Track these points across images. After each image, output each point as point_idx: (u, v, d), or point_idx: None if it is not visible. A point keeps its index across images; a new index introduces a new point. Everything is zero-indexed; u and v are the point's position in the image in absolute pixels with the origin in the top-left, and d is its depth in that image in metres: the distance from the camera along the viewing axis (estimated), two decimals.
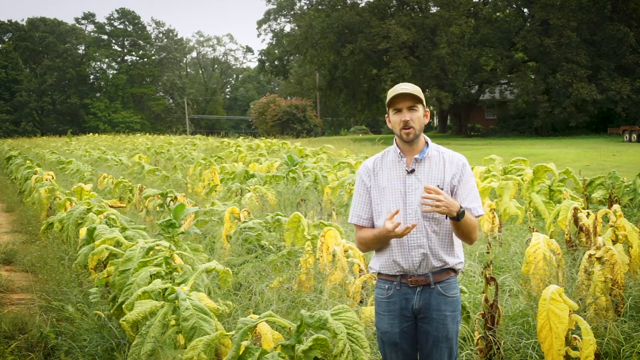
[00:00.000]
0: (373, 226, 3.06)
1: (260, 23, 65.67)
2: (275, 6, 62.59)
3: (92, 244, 5.25)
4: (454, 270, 2.99)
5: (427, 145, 2.98)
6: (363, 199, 3.07)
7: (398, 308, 2.95)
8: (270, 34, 65.66)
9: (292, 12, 60.62)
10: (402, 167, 2.96)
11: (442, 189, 2.86)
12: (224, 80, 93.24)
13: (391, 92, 2.94)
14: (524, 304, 4.49)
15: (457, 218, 2.78)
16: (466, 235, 2.91)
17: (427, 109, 3.01)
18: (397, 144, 3.01)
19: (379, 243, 2.97)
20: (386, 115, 3.05)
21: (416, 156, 2.94)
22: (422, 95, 2.93)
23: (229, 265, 5.95)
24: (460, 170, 2.94)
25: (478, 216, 2.94)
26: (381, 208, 2.98)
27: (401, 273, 2.94)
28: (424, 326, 2.96)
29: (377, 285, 3.06)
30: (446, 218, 2.88)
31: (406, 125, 2.90)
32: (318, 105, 59.07)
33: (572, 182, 9.99)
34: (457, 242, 3.02)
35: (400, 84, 2.98)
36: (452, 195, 2.93)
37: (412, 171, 2.93)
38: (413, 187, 2.91)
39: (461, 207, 2.78)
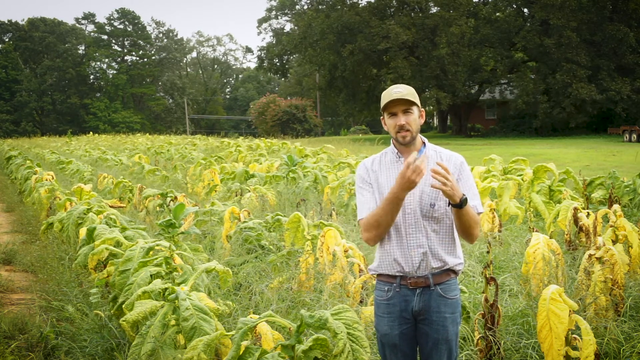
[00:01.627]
0: None
1: (261, 21, 65.65)
2: (276, 3, 62.54)
3: (92, 244, 5.25)
4: (453, 272, 2.98)
5: (424, 145, 3.00)
6: (369, 194, 3.01)
7: (398, 310, 2.94)
8: (271, 33, 65.68)
9: (293, 11, 60.59)
10: (400, 167, 2.95)
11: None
12: (224, 80, 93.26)
13: (385, 97, 2.94)
14: (524, 304, 4.49)
15: (460, 205, 2.75)
16: (467, 230, 2.87)
17: (422, 109, 3.00)
18: (394, 145, 3.02)
19: (392, 206, 2.80)
20: (381, 118, 3.05)
21: None
22: (416, 98, 2.93)
23: (229, 265, 5.95)
24: (458, 169, 2.94)
25: (479, 213, 2.94)
26: None
27: (401, 274, 2.93)
28: (423, 328, 2.95)
29: (377, 287, 3.05)
30: (448, 205, 2.86)
31: (402, 129, 2.91)
32: (318, 105, 59.08)
33: (572, 182, 9.99)
34: (457, 242, 3.02)
35: (393, 86, 2.97)
36: None
37: None
38: None
39: (464, 195, 2.76)
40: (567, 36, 37.09)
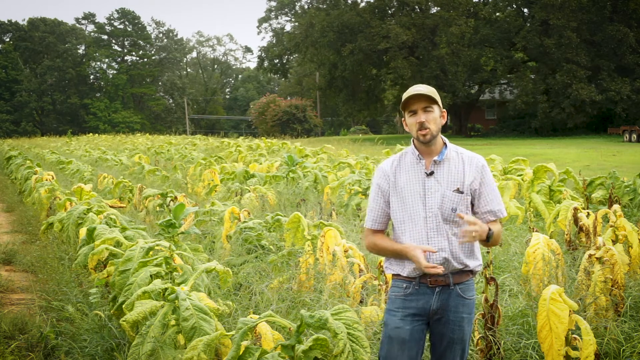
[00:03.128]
0: (385, 229, 3.07)
1: (261, 21, 65.63)
2: (275, 3, 62.55)
3: (92, 244, 5.24)
4: (472, 272, 2.98)
5: (446, 146, 2.96)
6: (379, 204, 3.03)
7: (414, 306, 2.93)
8: (271, 33, 65.69)
9: (292, 11, 60.61)
10: (420, 169, 2.93)
11: (462, 192, 2.88)
12: (224, 80, 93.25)
13: (405, 94, 2.91)
14: (524, 304, 4.49)
15: (487, 240, 2.83)
16: (493, 245, 2.95)
17: (444, 110, 2.98)
18: (415, 146, 2.97)
19: (396, 257, 2.97)
20: (402, 119, 3.02)
21: (435, 158, 2.92)
22: (437, 96, 2.91)
23: (229, 265, 5.95)
24: (480, 173, 2.93)
25: (502, 217, 2.98)
26: (403, 215, 2.95)
27: (421, 274, 2.92)
28: (439, 327, 2.94)
29: (394, 284, 3.03)
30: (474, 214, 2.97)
31: (422, 127, 2.87)
32: (318, 105, 59.07)
33: (572, 182, 9.98)
34: (476, 244, 3.01)
35: (415, 85, 2.95)
36: (473, 198, 2.94)
37: (432, 173, 2.91)
38: (433, 189, 2.90)
39: (490, 230, 2.81)
40: (567, 36, 37.09)
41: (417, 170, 2.93)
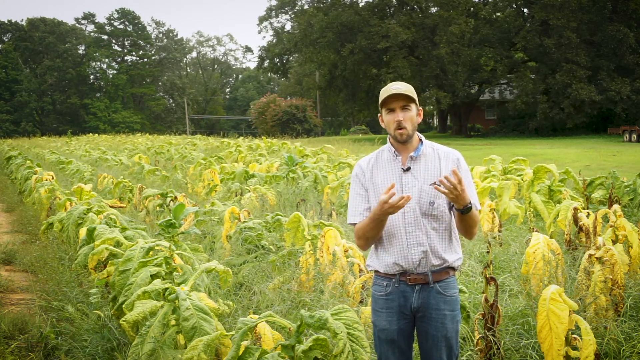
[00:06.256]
0: None
1: (261, 20, 65.59)
2: (276, 2, 62.53)
3: (92, 244, 5.24)
4: (453, 269, 2.99)
5: (422, 142, 3.00)
6: (363, 197, 3.03)
7: (397, 305, 2.95)
8: (271, 32, 65.64)
9: (293, 10, 60.57)
10: (397, 166, 2.96)
11: (439, 185, 2.89)
12: (224, 80, 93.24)
13: (383, 92, 2.94)
14: (523, 304, 4.49)
15: (462, 211, 2.80)
16: (468, 230, 2.93)
17: (420, 108, 3.01)
18: (391, 143, 3.01)
19: (376, 224, 2.86)
20: (379, 115, 3.05)
21: (411, 154, 2.95)
22: (414, 95, 2.93)
23: (229, 265, 5.95)
24: (455, 166, 2.95)
25: (477, 209, 2.97)
26: None
27: (400, 271, 2.94)
28: (422, 325, 2.96)
29: (375, 282, 3.05)
30: (451, 208, 2.93)
31: (399, 126, 2.91)
32: (318, 105, 59.07)
33: (572, 182, 9.98)
34: (456, 239, 3.03)
35: (393, 83, 2.98)
36: None
37: (408, 169, 2.94)
38: (410, 184, 2.92)
39: (469, 203, 2.79)
40: (567, 36, 37.09)
41: (393, 166, 2.97)
